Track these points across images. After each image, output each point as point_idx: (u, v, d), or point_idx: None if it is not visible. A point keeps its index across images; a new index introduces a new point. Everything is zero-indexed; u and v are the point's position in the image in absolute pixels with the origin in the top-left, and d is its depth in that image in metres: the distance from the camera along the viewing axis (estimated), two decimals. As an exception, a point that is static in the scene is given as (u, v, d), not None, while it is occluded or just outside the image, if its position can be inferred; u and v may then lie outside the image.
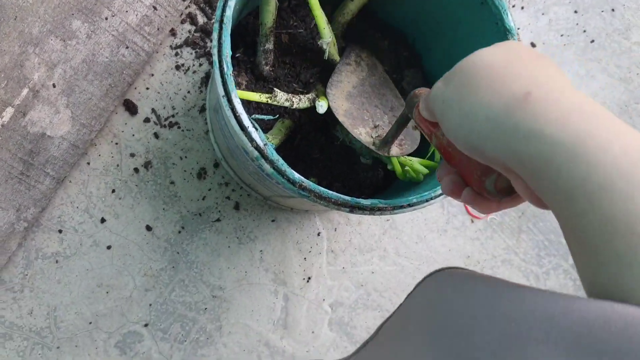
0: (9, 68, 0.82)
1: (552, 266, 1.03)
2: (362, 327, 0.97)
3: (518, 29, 1.06)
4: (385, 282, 0.98)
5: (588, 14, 1.09)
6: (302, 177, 0.63)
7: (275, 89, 0.73)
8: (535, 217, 1.03)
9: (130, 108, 0.91)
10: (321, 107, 0.75)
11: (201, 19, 0.94)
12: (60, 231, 0.88)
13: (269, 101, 0.72)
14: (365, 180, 0.88)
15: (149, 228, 0.91)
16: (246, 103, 0.84)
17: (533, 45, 1.06)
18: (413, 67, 0.89)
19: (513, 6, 1.06)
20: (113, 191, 0.90)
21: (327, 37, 0.78)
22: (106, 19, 0.87)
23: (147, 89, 0.92)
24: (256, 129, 0.63)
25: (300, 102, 0.76)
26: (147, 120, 0.92)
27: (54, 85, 0.85)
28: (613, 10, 1.10)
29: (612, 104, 1.08)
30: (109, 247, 0.90)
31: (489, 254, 1.02)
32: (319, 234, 0.97)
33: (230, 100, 0.62)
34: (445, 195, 0.68)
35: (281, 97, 0.73)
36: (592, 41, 1.08)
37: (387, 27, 0.92)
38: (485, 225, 1.02)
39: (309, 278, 0.96)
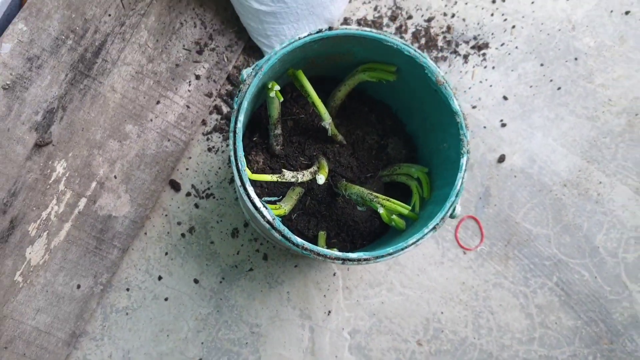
0: (80, 168, 1.07)
1: (538, 286, 1.20)
2: (377, 350, 1.16)
3: (490, 86, 1.25)
4: (394, 310, 1.17)
5: (553, 65, 1.27)
6: (304, 241, 0.84)
7: (283, 169, 0.95)
8: (520, 245, 1.21)
9: (175, 186, 1.14)
10: (320, 179, 0.96)
11: (225, 109, 1.18)
12: (127, 289, 1.12)
13: (279, 179, 0.94)
14: (365, 229, 1.08)
15: (196, 281, 1.13)
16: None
17: (505, 98, 1.25)
18: (396, 135, 1.10)
19: (485, 67, 1.25)
20: (166, 254, 1.14)
21: (328, 119, 0.99)
22: (151, 120, 1.11)
23: (187, 169, 1.16)
24: (266, 208, 0.84)
25: (304, 176, 0.97)
26: (188, 194, 1.15)
27: (115, 177, 1.09)
28: (576, 59, 1.27)
29: (582, 141, 1.25)
30: (166, 299, 1.12)
31: (481, 280, 1.20)
32: (334, 274, 1.17)
33: (245, 189, 0.84)
34: (415, 244, 0.88)
35: (288, 176, 0.94)
36: (559, 88, 1.26)
37: (374, 101, 1.13)
38: (476, 256, 1.20)
39: (330, 311, 1.16)
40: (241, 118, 0.86)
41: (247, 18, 1.11)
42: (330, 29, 0.89)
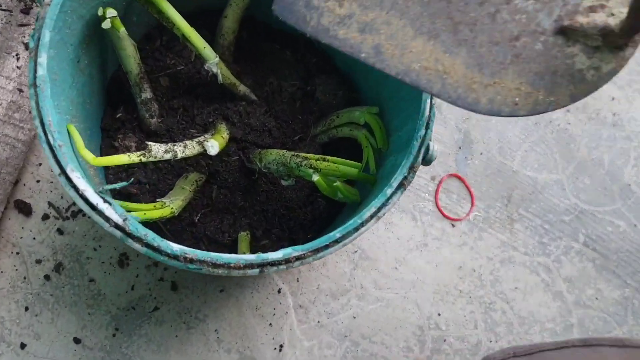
0: None
1: (561, 251, 0.87)
2: (359, 385, 0.81)
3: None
4: (372, 324, 0.82)
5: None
6: (185, 248, 0.49)
7: (148, 142, 0.59)
8: (524, 201, 0.87)
9: (23, 208, 0.78)
10: (212, 147, 0.61)
11: (79, 87, 0.82)
12: (-26, 373, 0.75)
13: (143, 159, 0.58)
14: (306, 218, 0.73)
15: (77, 340, 0.76)
16: (127, 168, 0.70)
17: None
18: (324, 73, 0.75)
19: None
20: (27, 309, 0.77)
21: (212, 57, 0.64)
22: (-37, 117, 0.75)
23: (38, 181, 0.79)
24: (110, 204, 0.49)
25: (186, 149, 0.62)
26: (45, 217, 0.78)
27: None
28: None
29: None
30: (35, 376, 0.75)
31: (483, 258, 0.85)
32: (279, 291, 0.82)
33: (68, 178, 0.49)
34: (376, 219, 0.53)
35: (158, 151, 0.59)
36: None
37: (285, 35, 0.78)
38: (469, 226, 0.86)
39: (281, 346, 0.80)
40: (43, 61, 0.50)
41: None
42: None
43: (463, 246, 0.86)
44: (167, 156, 0.60)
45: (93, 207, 0.48)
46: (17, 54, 0.78)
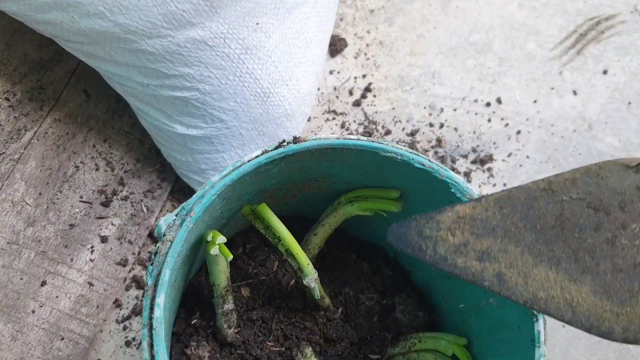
0: None
1: None
2: None
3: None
4: None
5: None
6: None
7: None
8: None
9: (76, 410, 0.74)
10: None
11: (149, 281, 0.81)
12: None
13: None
14: None
15: None
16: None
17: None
18: (404, 290, 0.75)
19: (494, 185, 0.96)
20: None
21: (313, 273, 0.64)
22: (33, 312, 0.73)
23: (95, 379, 0.76)
24: None
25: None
26: (98, 421, 0.74)
27: (-28, 412, 0.68)
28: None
29: None
30: None
31: None
32: None
33: None
34: None
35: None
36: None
37: (361, 242, 0.79)
38: None
39: None
40: (160, 302, 0.50)
41: (172, 150, 0.79)
42: (296, 140, 0.57)
43: None
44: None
45: None
46: (92, 247, 0.78)
